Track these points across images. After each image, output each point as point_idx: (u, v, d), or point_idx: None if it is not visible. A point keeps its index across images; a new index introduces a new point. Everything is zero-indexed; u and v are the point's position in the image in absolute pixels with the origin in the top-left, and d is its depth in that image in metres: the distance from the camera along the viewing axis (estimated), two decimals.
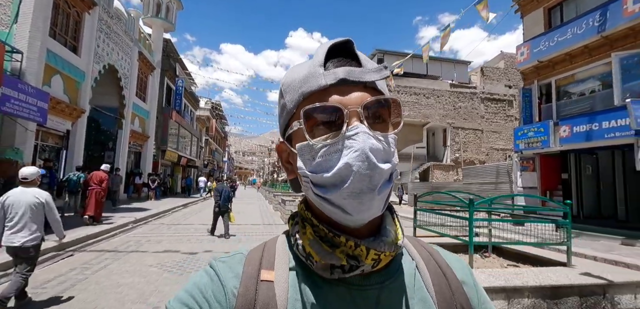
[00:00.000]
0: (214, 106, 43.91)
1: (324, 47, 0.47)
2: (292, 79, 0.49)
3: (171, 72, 23.86)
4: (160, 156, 22.79)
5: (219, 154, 52.91)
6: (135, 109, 18.35)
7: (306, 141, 0.45)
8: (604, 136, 9.38)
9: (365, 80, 0.45)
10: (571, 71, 11.11)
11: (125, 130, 17.12)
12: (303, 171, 0.45)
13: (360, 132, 0.42)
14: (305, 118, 0.44)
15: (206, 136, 40.45)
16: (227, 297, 0.45)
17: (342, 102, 0.44)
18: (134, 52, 17.52)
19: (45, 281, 4.58)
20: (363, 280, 0.47)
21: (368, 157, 0.41)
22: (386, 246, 0.46)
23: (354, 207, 0.42)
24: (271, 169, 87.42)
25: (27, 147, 9.92)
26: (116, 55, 15.60)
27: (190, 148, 30.42)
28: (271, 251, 0.51)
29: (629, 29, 9.12)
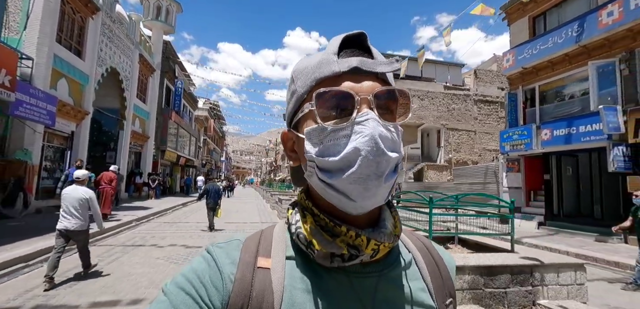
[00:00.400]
0: (212, 106, 44.34)
1: (338, 38, 0.49)
2: (304, 66, 0.50)
3: (170, 74, 24.32)
4: (160, 156, 23.25)
5: (216, 154, 53.33)
6: (136, 110, 18.81)
7: (315, 124, 0.46)
8: (581, 139, 10.01)
9: (377, 71, 0.46)
10: (553, 78, 11.74)
11: (126, 131, 17.58)
12: (309, 154, 0.46)
13: (370, 118, 0.43)
14: (317, 100, 0.45)
15: (204, 135, 40.90)
16: (224, 282, 0.45)
17: (354, 89, 0.45)
18: (135, 55, 17.99)
19: (65, 270, 5.11)
20: (362, 268, 0.48)
21: (377, 143, 0.42)
22: (386, 237, 0.47)
23: (359, 193, 0.43)
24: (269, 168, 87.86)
25: (36, 148, 10.41)
26: (118, 58, 16.07)
27: (188, 148, 30.89)
28: (268, 239, 0.51)
29: (604, 39, 9.75)
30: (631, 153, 8.96)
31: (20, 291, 4.25)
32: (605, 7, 9.50)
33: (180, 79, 25.79)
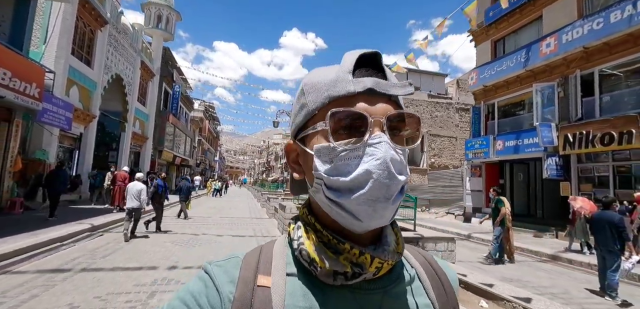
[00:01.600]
0: (207, 108, 45.63)
1: (353, 55, 0.48)
2: (317, 80, 0.49)
3: (169, 78, 25.67)
4: (158, 156, 24.60)
5: (211, 154, 54.56)
6: (137, 113, 20.16)
7: (326, 142, 0.45)
8: (525, 150, 11.74)
9: (391, 93, 0.46)
10: (508, 95, 13.48)
11: (127, 132, 18.93)
12: (318, 172, 0.46)
13: (383, 142, 0.43)
14: (330, 119, 0.45)
15: (199, 136, 42.19)
16: (222, 302, 0.45)
17: (368, 111, 0.45)
18: (137, 62, 19.36)
19: (96, 247, 6.58)
20: (367, 285, 0.47)
21: (389, 168, 0.42)
22: (389, 254, 0.47)
23: (367, 214, 0.43)
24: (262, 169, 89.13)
25: (52, 149, 11.79)
26: (122, 66, 17.44)
27: (184, 148, 32.22)
28: (268, 256, 0.50)
29: (545, 65, 11.49)
30: (562, 163, 10.68)
31: (66, 260, 5.71)
32: (545, 39, 11.24)
33: (177, 83, 27.16)
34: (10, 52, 8.34)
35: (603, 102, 10.17)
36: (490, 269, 6.88)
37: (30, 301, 3.81)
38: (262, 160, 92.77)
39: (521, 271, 7.07)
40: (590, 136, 9.61)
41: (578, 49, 10.24)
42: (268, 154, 71.74)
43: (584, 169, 10.57)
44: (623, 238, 4.78)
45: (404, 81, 0.48)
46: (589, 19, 9.94)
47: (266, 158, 72.76)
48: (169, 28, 23.59)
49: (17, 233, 6.70)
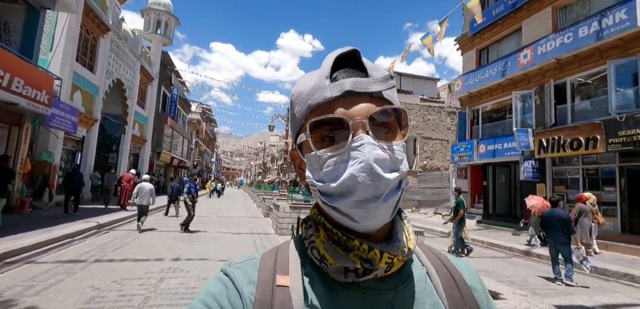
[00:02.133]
0: (204, 110, 46.14)
1: (330, 58, 0.49)
2: (300, 91, 0.50)
3: (167, 82, 26.25)
4: (156, 158, 25.15)
5: (207, 155, 55.03)
6: (136, 115, 20.73)
7: (311, 152, 0.46)
8: (504, 154, 12.52)
9: (371, 91, 0.46)
10: (491, 102, 14.28)
11: (127, 135, 19.50)
12: (311, 180, 0.47)
13: (365, 143, 0.43)
14: (310, 130, 0.46)
15: (196, 138, 42.70)
16: (244, 303, 0.45)
17: (347, 114, 0.45)
18: (137, 66, 19.94)
19: (105, 242, 7.20)
20: (377, 284, 0.47)
21: (372, 169, 0.42)
22: (399, 250, 0.47)
23: (360, 215, 0.43)
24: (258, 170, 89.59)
25: (57, 151, 12.37)
26: (123, 70, 18.03)
27: (181, 150, 32.78)
28: (285, 256, 0.51)
29: (523, 74, 12.29)
30: (538, 166, 11.46)
31: (80, 253, 6.34)
32: (522, 50, 12.04)
33: (175, 86, 27.73)
34: (23, 62, 8.94)
35: (575, 110, 10.97)
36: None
37: (57, 285, 4.46)
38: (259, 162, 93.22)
39: (495, 265, 7.80)
40: (562, 141, 10.40)
41: (552, 60, 11.03)
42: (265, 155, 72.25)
43: (558, 171, 11.36)
44: (570, 231, 5.52)
45: (386, 74, 0.49)
46: (560, 33, 10.75)
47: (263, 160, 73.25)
48: (168, 33, 24.19)
49: (31, 229, 7.31)
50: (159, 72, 24.10)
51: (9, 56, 8.36)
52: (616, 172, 9.55)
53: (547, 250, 8.64)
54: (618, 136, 8.84)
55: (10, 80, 8.18)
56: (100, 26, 15.01)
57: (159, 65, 24.05)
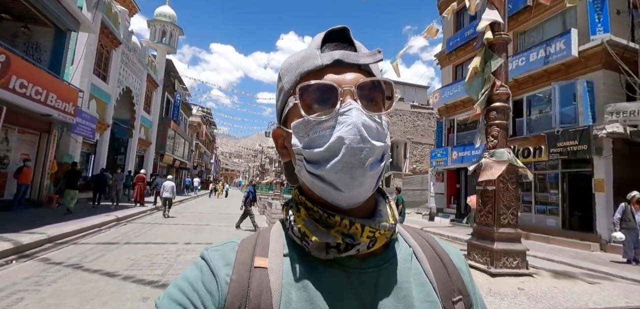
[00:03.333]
0: (204, 113, 47.71)
1: (321, 34, 0.50)
2: (290, 63, 0.51)
3: (171, 88, 27.85)
4: (159, 159, 26.71)
5: (207, 157, 56.55)
6: (142, 120, 22.30)
7: (301, 118, 0.47)
8: (472, 159, 14.15)
9: (360, 62, 0.48)
10: (463, 113, 15.95)
11: (134, 138, 21.07)
12: (297, 147, 0.47)
13: (353, 108, 0.44)
14: (300, 94, 0.46)
15: (196, 140, 44.25)
16: (219, 285, 0.45)
17: (337, 81, 0.46)
18: (143, 75, 21.53)
19: (127, 231, 8.79)
20: (360, 264, 0.47)
21: (360, 131, 0.43)
22: (380, 224, 0.47)
23: (345, 182, 0.43)
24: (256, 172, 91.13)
25: (77, 154, 13.92)
26: (131, 79, 19.62)
27: (182, 151, 34.34)
28: (265, 239, 0.51)
29: None
30: None
31: (110, 238, 7.93)
32: None
33: (178, 92, 29.34)
34: (54, 79, 10.53)
35: (530, 123, 12.64)
36: None
37: (103, 257, 6.05)
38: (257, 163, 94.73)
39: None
40: (516, 150, 12.04)
41: (512, 80, 12.68)
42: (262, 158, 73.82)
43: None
44: None
45: (374, 50, 0.50)
46: (517, 57, 12.42)
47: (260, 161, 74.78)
48: (172, 42, 25.81)
49: (65, 220, 8.89)
50: (163, 79, 25.69)
51: (44, 75, 9.94)
52: (559, 177, 11.21)
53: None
54: (557, 147, 10.50)
55: (46, 95, 9.76)
56: (113, 40, 16.60)
57: (164, 73, 25.65)
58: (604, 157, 9.67)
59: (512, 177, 4.37)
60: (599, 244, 9.66)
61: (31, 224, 7.51)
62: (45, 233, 6.86)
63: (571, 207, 11.00)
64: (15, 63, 8.33)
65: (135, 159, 22.64)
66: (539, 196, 12.01)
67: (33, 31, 11.66)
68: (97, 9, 13.96)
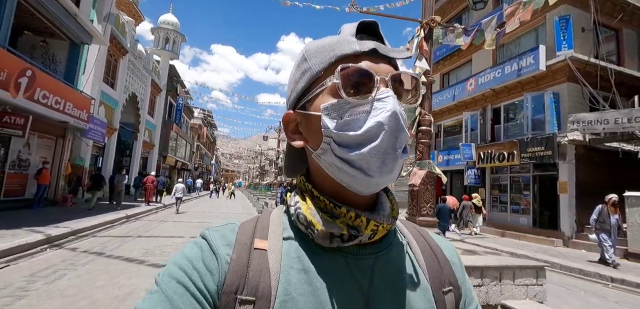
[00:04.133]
0: (205, 115, 48.81)
1: (353, 23, 0.51)
2: (321, 44, 0.51)
3: (173, 92, 28.93)
4: (162, 161, 27.77)
5: (208, 158, 57.63)
6: (147, 124, 23.37)
7: (335, 99, 0.47)
8: (455, 163, 15.21)
9: (391, 56, 0.50)
10: (449, 119, 17.00)
11: (139, 141, 22.14)
12: (328, 130, 0.47)
13: (390, 96, 0.46)
14: (340, 73, 0.46)
15: (198, 142, 45.33)
16: (219, 264, 0.46)
17: (374, 69, 0.47)
18: (148, 80, 22.60)
19: (138, 227, 9.82)
20: (358, 250, 0.49)
21: (398, 119, 0.44)
22: (384, 218, 0.48)
23: (377, 167, 0.44)
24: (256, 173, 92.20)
25: (87, 156, 14.99)
26: (137, 85, 20.69)
27: (184, 153, 35.41)
28: (265, 223, 0.52)
29: (471, 99, 15.00)
30: (480, 173, 14.14)
31: (122, 233, 8.97)
32: (469, 80, 14.76)
33: (181, 96, 30.42)
34: (71, 89, 11.58)
35: (506, 129, 13.68)
36: None
37: (120, 247, 7.09)
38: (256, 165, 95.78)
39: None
40: (494, 154, 13.09)
41: (488, 89, 13.75)
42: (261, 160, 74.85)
43: (495, 178, 14.05)
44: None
45: (402, 47, 0.55)
46: (494, 69, 13.47)
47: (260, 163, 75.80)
48: (175, 49, 26.89)
49: (81, 217, 9.94)
50: (166, 84, 26.77)
51: (62, 86, 10.99)
52: (531, 180, 12.25)
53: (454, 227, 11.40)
54: (527, 152, 11.53)
55: (64, 104, 10.82)
56: (120, 50, 17.68)
57: (167, 78, 26.73)
58: (567, 162, 10.70)
59: (431, 180, 5.51)
60: (562, 240, 10.69)
61: (54, 220, 8.56)
62: (69, 227, 7.91)
63: (541, 207, 12.02)
64: (39, 76, 9.38)
65: (140, 161, 23.72)
66: (513, 197, 13.05)
67: (50, 44, 12.72)
68: (107, 22, 15.02)
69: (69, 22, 11.58)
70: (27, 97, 9.00)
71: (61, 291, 4.23)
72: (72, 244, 7.01)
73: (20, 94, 8.69)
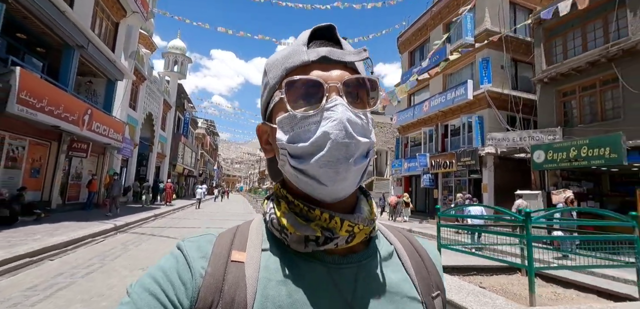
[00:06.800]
0: (208, 125, 52.44)
1: (307, 31, 0.51)
2: (275, 58, 0.51)
3: (181, 108, 32.56)
4: (172, 169, 31.34)
5: (210, 164, 61.23)
6: (160, 138, 26.95)
7: (286, 113, 0.47)
8: (415, 169, 18.73)
9: (345, 60, 0.48)
10: (414, 133, 20.53)
11: (153, 153, 25.70)
12: (281, 142, 0.47)
13: (338, 104, 0.45)
14: (286, 89, 0.46)
15: (201, 150, 48.93)
16: (193, 277, 0.45)
17: (323, 77, 0.46)
18: (161, 100, 26.19)
19: (165, 222, 13.35)
20: (340, 259, 0.48)
21: (345, 127, 0.43)
22: (360, 219, 0.47)
23: (329, 176, 0.44)
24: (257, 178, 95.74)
25: (117, 168, 18.52)
26: (152, 105, 24.29)
27: (190, 161, 39.01)
28: (244, 233, 0.52)
29: (427, 117, 18.52)
30: (434, 177, 17.64)
31: (159, 225, 12.47)
32: (425, 102, 18.30)
33: (188, 111, 34.07)
34: (110, 117, 15.14)
35: (452, 143, 17.19)
36: None
37: (162, 232, 10.60)
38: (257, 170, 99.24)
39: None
40: (441, 162, 16.60)
41: (439, 111, 17.30)
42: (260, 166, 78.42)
43: (445, 182, 17.55)
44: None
45: (360, 49, 0.50)
46: (441, 95, 16.99)
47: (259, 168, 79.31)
48: (183, 70, 30.53)
49: (126, 215, 13.45)
50: (175, 101, 30.38)
51: (106, 116, 14.54)
52: (467, 182, 15.75)
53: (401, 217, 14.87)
54: (461, 161, 15.04)
55: (108, 130, 14.36)
56: (140, 78, 21.27)
57: (176, 96, 30.34)
58: (487, 169, 14.21)
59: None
60: None
61: (103, 217, 12.09)
62: (123, 220, 11.44)
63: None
64: (95, 113, 12.93)
65: (154, 170, 27.29)
66: (457, 195, 16.52)
67: (93, 82, 16.31)
68: (133, 59, 18.62)
69: (108, 66, 15.17)
70: (88, 129, 12.55)
71: (136, 255, 7.75)
72: (131, 230, 10.54)
73: (85, 127, 12.24)
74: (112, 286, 4.77)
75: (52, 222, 9.46)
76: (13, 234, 7.32)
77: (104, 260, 6.35)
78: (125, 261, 6.38)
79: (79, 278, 5.07)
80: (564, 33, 12.18)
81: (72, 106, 11.31)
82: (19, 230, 7.85)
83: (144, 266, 6.05)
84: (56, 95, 10.29)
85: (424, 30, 20.12)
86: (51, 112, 9.95)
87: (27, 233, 7.53)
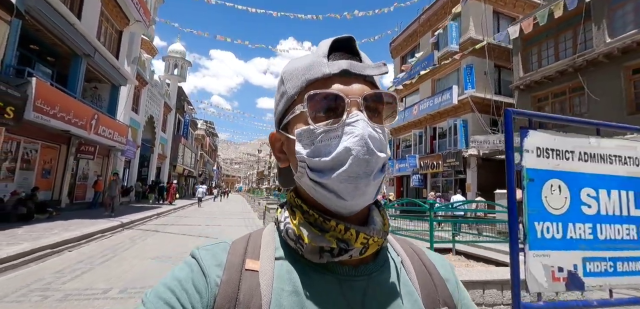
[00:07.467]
0: (207, 126, 53.28)
1: (327, 41, 0.51)
2: (294, 68, 0.51)
3: (181, 110, 33.39)
4: (172, 169, 32.17)
5: (210, 165, 62.06)
6: (161, 139, 27.78)
7: (306, 126, 0.47)
8: (405, 170, 19.60)
9: (365, 74, 0.48)
10: (405, 135, 21.40)
11: (154, 154, 26.52)
12: (301, 155, 0.47)
13: (360, 120, 0.45)
14: (308, 101, 0.46)
15: (201, 151, 49.76)
16: (209, 285, 0.45)
17: (344, 91, 0.46)
18: (161, 103, 27.02)
19: (168, 219, 14.19)
20: (351, 271, 0.48)
21: (367, 143, 0.44)
22: (375, 231, 0.47)
23: (349, 191, 0.44)
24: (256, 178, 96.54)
25: (120, 169, 19.36)
26: (154, 108, 25.12)
27: (190, 161, 39.86)
28: (257, 242, 0.52)
29: (417, 120, 19.39)
30: (423, 178, 18.51)
31: (162, 222, 13.30)
32: (414, 106, 19.17)
33: (187, 113, 34.91)
34: (114, 121, 15.98)
35: (440, 145, 18.06)
36: None
37: (166, 228, 11.44)
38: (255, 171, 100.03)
39: None
40: (429, 163, 17.46)
41: (427, 114, 18.16)
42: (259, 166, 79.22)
43: (434, 182, 18.42)
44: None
45: (379, 62, 0.50)
46: (429, 99, 17.86)
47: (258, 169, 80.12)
48: (182, 73, 31.36)
49: (130, 213, 14.28)
50: (176, 103, 31.21)
51: (111, 120, 15.38)
52: (453, 182, 16.62)
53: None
54: (446, 162, 15.91)
55: (113, 134, 15.20)
56: (142, 82, 22.11)
57: (176, 98, 31.18)
58: (471, 170, 15.08)
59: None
60: None
61: (105, 216, 12.92)
62: (129, 218, 12.28)
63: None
64: (101, 118, 13.77)
65: (155, 171, 28.12)
66: (443, 194, 17.40)
67: (98, 88, 17.14)
68: (135, 65, 19.46)
69: (112, 72, 16.01)
70: (95, 133, 13.38)
71: (143, 247, 8.59)
72: (137, 227, 11.38)
73: (92, 131, 13.07)
74: (126, 270, 5.61)
75: (64, 220, 10.30)
76: (32, 229, 8.17)
77: (116, 251, 7.20)
78: (134, 252, 7.23)
79: (96, 265, 5.92)
80: (539, 43, 13.05)
81: (81, 111, 12.15)
82: (36, 226, 8.70)
83: (152, 256, 6.90)
84: (67, 102, 11.13)
85: (414, 36, 21.01)
86: (62, 118, 10.79)
87: (45, 229, 8.37)
